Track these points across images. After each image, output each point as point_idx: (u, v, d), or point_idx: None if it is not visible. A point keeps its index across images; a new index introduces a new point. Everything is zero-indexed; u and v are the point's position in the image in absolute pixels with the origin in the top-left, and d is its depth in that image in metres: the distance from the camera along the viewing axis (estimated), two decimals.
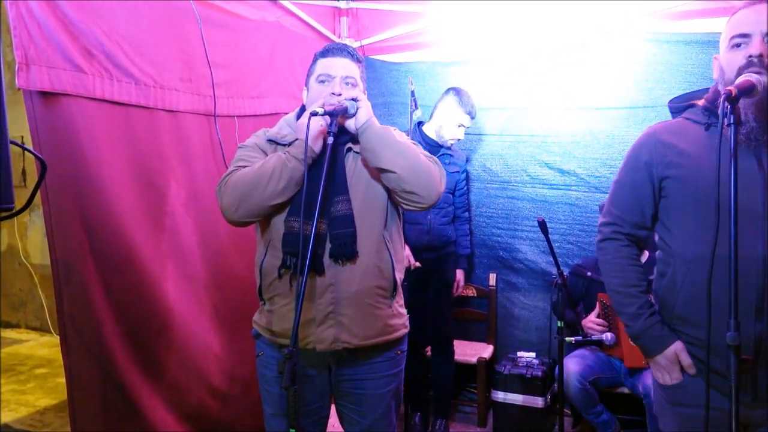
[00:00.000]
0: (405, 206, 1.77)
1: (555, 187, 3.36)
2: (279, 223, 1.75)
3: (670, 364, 1.60)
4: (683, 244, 1.55)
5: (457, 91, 3.08)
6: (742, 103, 1.36)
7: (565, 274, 2.91)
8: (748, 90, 1.29)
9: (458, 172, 3.21)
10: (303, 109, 1.87)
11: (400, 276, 1.84)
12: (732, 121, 1.19)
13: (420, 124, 3.18)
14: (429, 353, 3.38)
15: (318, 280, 1.72)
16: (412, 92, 2.88)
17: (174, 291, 2.42)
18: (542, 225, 2.21)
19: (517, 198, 3.46)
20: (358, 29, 3.83)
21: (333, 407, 1.94)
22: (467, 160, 3.40)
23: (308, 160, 1.72)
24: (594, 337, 2.63)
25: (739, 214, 1.20)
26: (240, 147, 1.88)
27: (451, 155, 3.17)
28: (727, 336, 1.16)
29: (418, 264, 3.00)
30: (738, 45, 1.42)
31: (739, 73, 1.38)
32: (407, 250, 3.03)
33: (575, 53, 3.24)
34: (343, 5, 3.75)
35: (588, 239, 3.25)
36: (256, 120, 2.90)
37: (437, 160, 1.80)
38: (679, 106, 1.66)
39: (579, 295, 3.01)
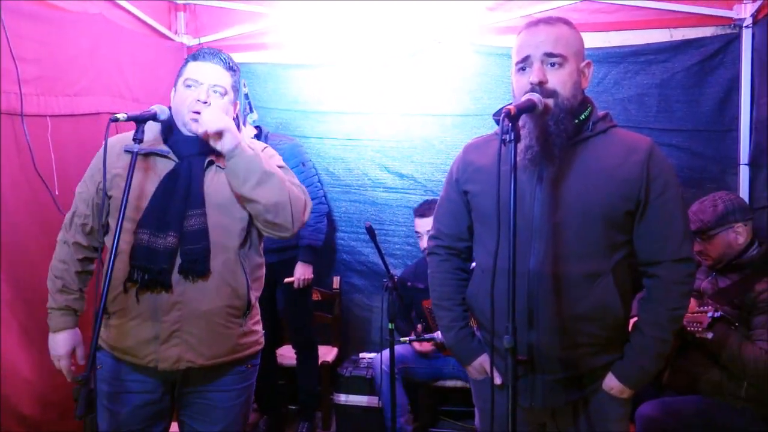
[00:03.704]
0: (264, 232, 1.74)
1: (394, 190, 3.46)
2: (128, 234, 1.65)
3: (477, 374, 1.71)
4: (479, 254, 1.66)
5: None
6: (528, 124, 1.47)
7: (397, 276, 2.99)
8: (528, 108, 1.38)
9: None
10: (169, 110, 1.75)
11: (255, 295, 1.80)
12: (512, 138, 1.28)
13: None
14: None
15: (164, 296, 1.64)
16: (246, 95, 2.82)
17: None
18: (369, 230, 2.25)
19: (358, 201, 3.52)
20: (197, 26, 3.66)
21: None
22: (294, 149, 3.11)
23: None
24: (426, 336, 2.73)
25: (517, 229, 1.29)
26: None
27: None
28: (503, 339, 1.25)
29: (291, 279, 3.01)
30: (523, 69, 1.49)
31: None
32: (298, 270, 3.03)
33: (411, 61, 3.35)
34: (180, 0, 3.58)
35: None
36: (74, 120, 2.65)
37: (305, 189, 1.78)
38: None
39: (409, 303, 3.10)
